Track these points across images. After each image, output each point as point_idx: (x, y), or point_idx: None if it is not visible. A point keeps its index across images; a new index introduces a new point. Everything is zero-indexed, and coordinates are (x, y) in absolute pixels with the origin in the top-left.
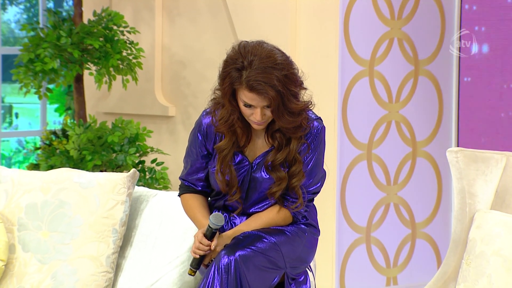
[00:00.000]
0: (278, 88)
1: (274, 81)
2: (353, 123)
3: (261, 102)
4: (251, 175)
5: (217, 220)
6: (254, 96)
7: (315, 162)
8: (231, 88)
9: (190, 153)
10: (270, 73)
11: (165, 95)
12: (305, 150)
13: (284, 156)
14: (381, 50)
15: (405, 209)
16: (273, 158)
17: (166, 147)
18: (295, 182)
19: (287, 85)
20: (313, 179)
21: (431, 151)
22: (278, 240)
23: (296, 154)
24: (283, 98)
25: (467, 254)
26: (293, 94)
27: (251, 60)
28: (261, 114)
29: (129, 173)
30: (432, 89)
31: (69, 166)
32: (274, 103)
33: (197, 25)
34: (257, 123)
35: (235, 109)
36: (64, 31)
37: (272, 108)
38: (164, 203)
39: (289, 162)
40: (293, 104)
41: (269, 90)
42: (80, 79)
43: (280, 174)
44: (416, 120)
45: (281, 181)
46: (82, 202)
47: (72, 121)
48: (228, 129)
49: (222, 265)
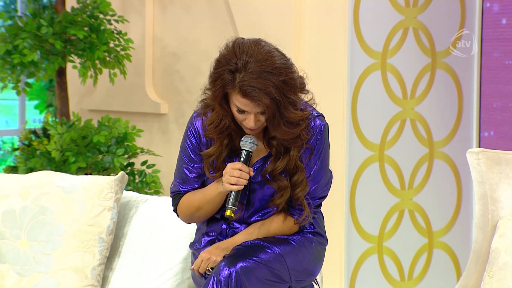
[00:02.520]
0: (274, 96)
1: (270, 88)
2: (363, 121)
3: (255, 109)
4: (250, 181)
5: (250, 138)
6: (247, 102)
7: (319, 165)
8: (222, 91)
9: (183, 161)
10: (266, 78)
11: (157, 91)
12: (307, 154)
13: (284, 164)
14: (395, 41)
15: (421, 216)
16: (272, 167)
17: (157, 148)
18: (299, 193)
19: (284, 92)
20: (318, 183)
21: (450, 152)
22: (282, 251)
23: (297, 161)
24: (279, 106)
25: (489, 266)
26: (291, 102)
27: (246, 61)
28: (255, 120)
29: (117, 176)
30: (450, 84)
31: (51, 169)
32: (269, 112)
33: (192, 13)
34: (250, 129)
35: (227, 114)
36: (45, 19)
37: (267, 116)
38: (155, 209)
39: (290, 170)
40: (291, 113)
41: (264, 97)
42: (62, 73)
43: (282, 183)
44: (433, 118)
45: (283, 191)
46: (65, 208)
47: (53, 119)
48: (218, 134)
49: (222, 278)
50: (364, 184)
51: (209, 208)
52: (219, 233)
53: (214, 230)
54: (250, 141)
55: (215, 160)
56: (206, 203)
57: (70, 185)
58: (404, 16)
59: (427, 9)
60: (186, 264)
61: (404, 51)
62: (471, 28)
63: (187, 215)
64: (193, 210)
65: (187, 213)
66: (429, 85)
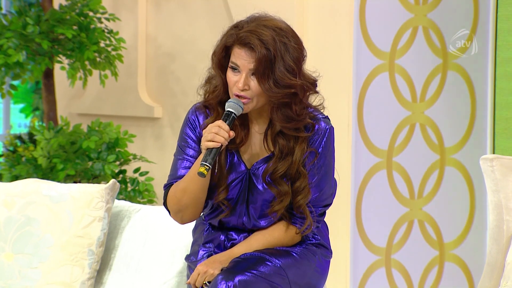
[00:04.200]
0: (269, 47)
1: (268, 38)
2: (370, 126)
3: (247, 62)
4: (249, 183)
5: (237, 100)
6: (242, 54)
7: (324, 171)
8: (223, 46)
9: (179, 152)
10: (266, 31)
11: (150, 93)
12: (311, 158)
13: (285, 167)
14: (403, 41)
15: (431, 226)
16: (273, 168)
17: (151, 154)
18: (301, 200)
19: (281, 52)
20: (322, 191)
21: (462, 159)
22: (283, 263)
23: (300, 167)
24: (272, 63)
25: (504, 280)
26: (287, 67)
27: (252, 20)
28: (245, 81)
29: (108, 184)
30: (463, 86)
31: (37, 177)
32: (261, 65)
33: (188, 10)
34: (238, 95)
35: (222, 82)
36: (31, 18)
37: (257, 68)
38: (148, 219)
39: (292, 175)
40: (283, 75)
41: (259, 45)
42: (50, 75)
43: (282, 188)
44: (445, 123)
45: (283, 196)
46: (53, 218)
47: (40, 124)
48: (217, 102)
49: None
50: (371, 192)
51: (194, 188)
52: (216, 245)
53: (212, 242)
54: (236, 102)
55: None
56: (190, 181)
57: (58, 194)
58: (414, 14)
59: (438, 6)
60: (182, 278)
61: (413, 51)
62: (485, 27)
63: (175, 203)
64: (179, 195)
65: (175, 201)
66: (440, 87)
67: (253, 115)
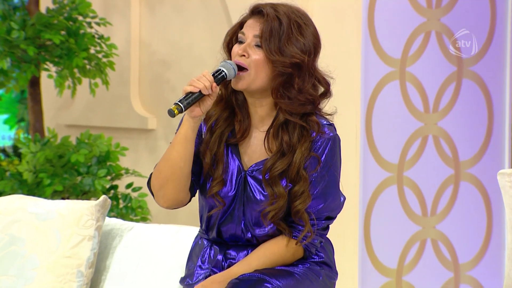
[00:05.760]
0: (281, 19)
1: (283, 12)
2: (379, 138)
3: (254, 28)
4: (245, 185)
5: (231, 62)
6: (250, 22)
7: (327, 181)
8: (238, 27)
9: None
10: (284, 7)
11: (144, 103)
12: (313, 165)
13: (284, 165)
14: (415, 47)
15: (445, 246)
16: (272, 163)
17: (144, 168)
18: (299, 205)
19: (292, 28)
20: (325, 202)
21: (478, 174)
22: (284, 285)
23: (301, 169)
24: (281, 33)
25: None
26: (295, 41)
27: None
28: (245, 46)
29: (98, 201)
30: (479, 95)
31: (22, 193)
32: (269, 31)
33: (184, 14)
34: (236, 60)
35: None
36: (16, 22)
37: (263, 32)
38: (142, 238)
39: (292, 178)
40: (290, 46)
41: (271, 13)
42: (36, 83)
43: (278, 190)
44: (459, 135)
45: (276, 199)
46: (39, 238)
47: (26, 136)
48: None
49: None
50: (381, 209)
51: (175, 155)
52: (214, 265)
53: (209, 262)
54: (230, 64)
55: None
56: (171, 148)
57: (44, 211)
58: (426, 18)
59: (452, 9)
60: None
61: (426, 58)
62: (502, 32)
63: (156, 177)
64: (161, 166)
65: (156, 175)
66: (454, 96)
67: (254, 116)
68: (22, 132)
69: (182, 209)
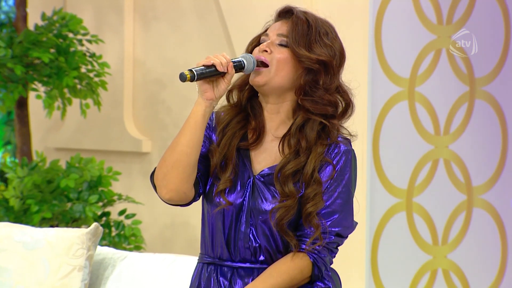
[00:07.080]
0: (310, 21)
1: (311, 16)
2: (387, 161)
3: (278, 29)
4: (253, 191)
5: (251, 56)
6: (275, 24)
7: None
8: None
9: None
10: (311, 14)
11: (138, 125)
12: (328, 172)
13: (297, 165)
14: (425, 66)
15: (457, 277)
16: (284, 163)
17: (138, 194)
18: (310, 207)
19: (321, 33)
20: (341, 215)
21: (492, 200)
22: None
23: (315, 172)
24: (310, 33)
25: None
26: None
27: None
28: (269, 43)
29: (90, 229)
30: (493, 117)
31: (9, 220)
32: (297, 28)
33: (180, 31)
34: (257, 57)
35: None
36: (3, 40)
37: (292, 30)
38: (136, 268)
39: (306, 180)
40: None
41: (301, 15)
42: (23, 104)
43: (288, 188)
44: (472, 159)
45: (287, 198)
46: (27, 268)
47: (12, 160)
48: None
49: None
50: (388, 237)
51: (183, 141)
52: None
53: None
54: (251, 56)
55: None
56: (180, 134)
57: (32, 240)
58: (436, 35)
59: (464, 26)
60: None
61: (436, 77)
62: None
63: (160, 166)
64: (167, 154)
65: (161, 163)
66: (466, 118)
67: (269, 124)
68: (8, 155)
69: (178, 237)
